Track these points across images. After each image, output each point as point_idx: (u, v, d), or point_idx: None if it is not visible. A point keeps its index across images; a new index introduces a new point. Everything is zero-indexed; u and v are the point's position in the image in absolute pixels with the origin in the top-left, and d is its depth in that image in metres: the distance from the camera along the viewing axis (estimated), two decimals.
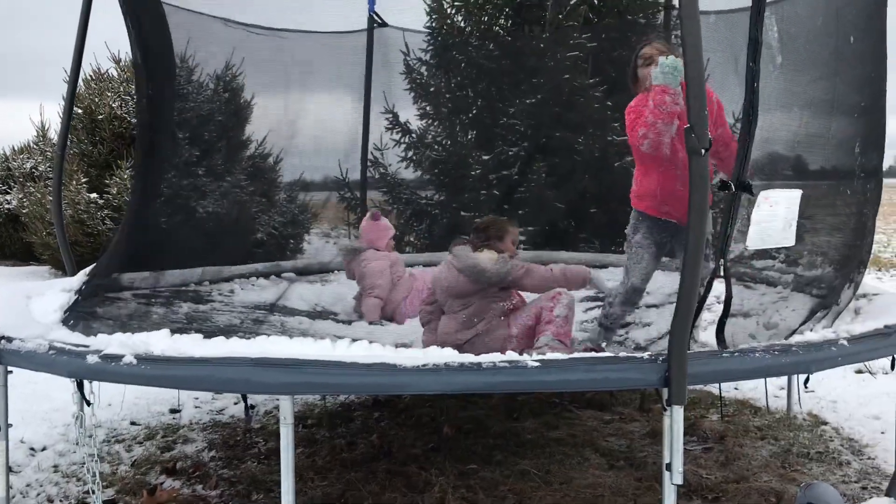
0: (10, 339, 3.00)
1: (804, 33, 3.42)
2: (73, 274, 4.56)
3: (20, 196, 11.14)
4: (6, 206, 12.08)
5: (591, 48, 6.88)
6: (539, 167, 7.00)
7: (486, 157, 7.19)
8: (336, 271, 6.12)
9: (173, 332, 2.98)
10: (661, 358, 2.59)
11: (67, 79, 4.83)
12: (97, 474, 2.99)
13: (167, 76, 5.36)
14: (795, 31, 3.30)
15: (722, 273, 3.08)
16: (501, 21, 7.46)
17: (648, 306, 4.66)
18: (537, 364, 2.52)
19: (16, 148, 12.92)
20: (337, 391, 3.51)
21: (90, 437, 2.97)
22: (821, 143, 3.66)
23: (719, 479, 3.68)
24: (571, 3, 6.93)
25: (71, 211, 9.39)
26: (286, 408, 2.53)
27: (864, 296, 3.77)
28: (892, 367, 3.19)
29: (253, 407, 4.80)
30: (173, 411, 4.85)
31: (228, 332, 3.25)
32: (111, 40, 9.93)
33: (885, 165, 4.02)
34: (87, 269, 4.11)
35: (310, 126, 6.93)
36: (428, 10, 7.58)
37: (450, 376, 2.49)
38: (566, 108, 6.93)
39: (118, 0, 4.66)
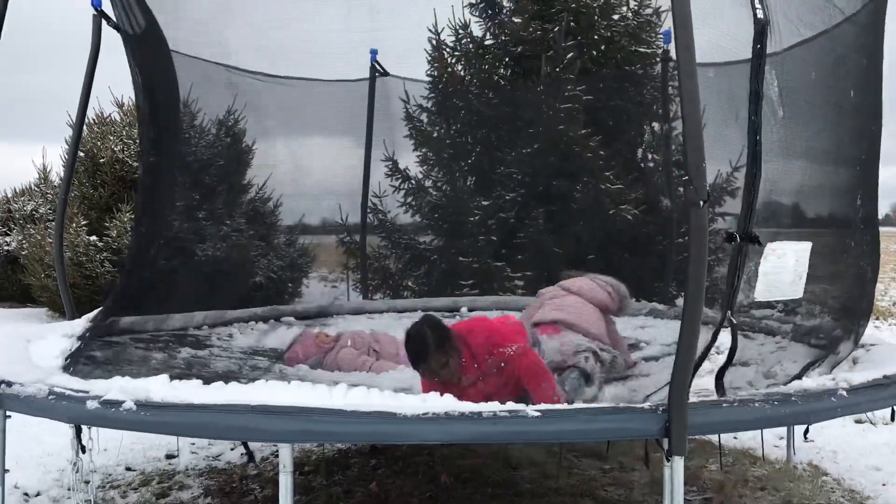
0: (9, 384, 3.00)
1: (804, 86, 3.49)
2: (73, 317, 4.57)
3: (20, 238, 11.16)
4: (5, 247, 12.10)
5: (587, 99, 6.99)
6: (537, 214, 7.06)
7: (484, 203, 7.26)
8: (335, 315, 6.13)
9: (173, 377, 2.98)
10: (661, 408, 2.59)
11: (70, 122, 4.92)
12: None
13: (172, 121, 5.43)
14: (796, 85, 3.38)
15: (730, 322, 3.09)
16: (501, 70, 7.58)
17: (647, 359, 4.65)
18: (537, 414, 2.52)
19: (17, 190, 12.99)
20: (338, 440, 3.49)
21: (86, 482, 2.95)
22: (823, 194, 3.72)
23: None
24: (568, 56, 7.05)
25: (70, 253, 9.40)
26: (286, 455, 2.52)
27: (863, 346, 3.78)
28: (893, 419, 3.18)
29: (252, 453, 4.76)
30: (169, 457, 4.80)
31: (227, 378, 3.23)
32: (114, 84, 10.05)
33: (881, 214, 4.07)
34: (90, 315, 4.12)
35: (310, 172, 7.01)
36: (429, 58, 7.71)
37: (450, 426, 2.48)
38: (562, 157, 7.02)
39: (125, 46, 4.75)
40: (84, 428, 2.90)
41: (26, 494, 4.13)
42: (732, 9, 3.19)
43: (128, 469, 4.61)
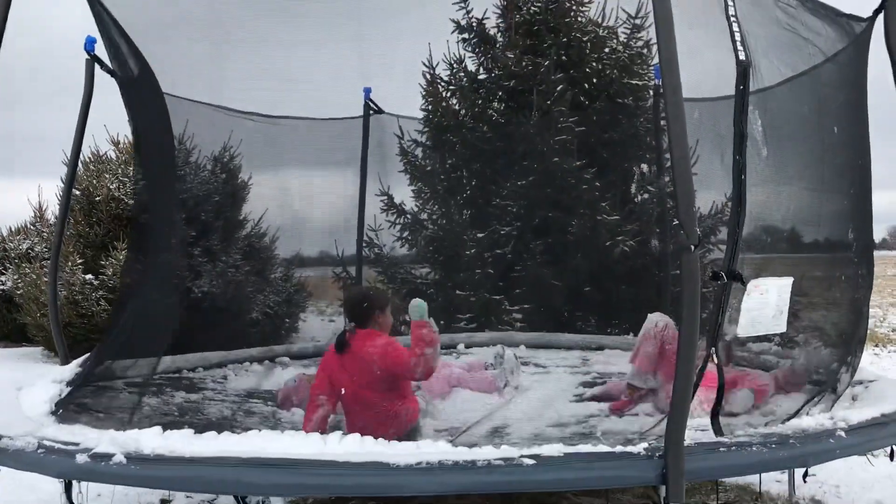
0: None
1: (788, 124, 3.51)
2: (66, 361, 4.53)
3: (15, 277, 11.11)
4: (0, 286, 12.05)
5: (579, 132, 7.01)
6: (534, 246, 7.05)
7: (480, 236, 7.26)
8: None
9: (165, 425, 2.94)
10: (657, 454, 2.56)
11: (66, 160, 4.91)
12: None
13: (166, 161, 5.43)
14: (780, 123, 3.40)
15: (714, 360, 3.09)
16: (494, 104, 7.61)
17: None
18: (532, 462, 2.49)
19: (12, 228, 12.96)
20: (330, 493, 3.44)
21: None
22: (811, 228, 3.72)
23: None
24: (559, 89, 7.09)
25: (66, 292, 9.35)
26: None
27: (861, 382, 3.75)
28: (892, 458, 3.15)
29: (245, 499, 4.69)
30: (164, 502, 4.73)
31: (221, 426, 3.20)
32: (110, 122, 10.08)
33: (879, 239, 4.08)
34: (79, 360, 4.08)
35: (306, 207, 7.02)
36: (424, 93, 7.75)
37: (444, 476, 2.45)
38: (557, 190, 7.03)
39: (119, 86, 4.77)
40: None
41: None
42: (713, 51, 3.21)
43: None
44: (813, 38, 3.48)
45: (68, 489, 2.81)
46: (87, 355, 4.23)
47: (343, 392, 3.86)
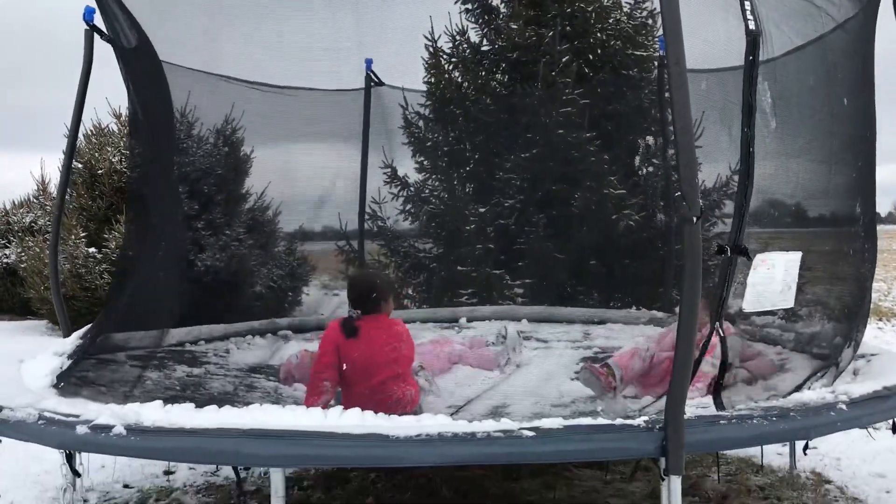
0: None
1: (798, 94, 3.46)
2: (68, 333, 4.54)
3: (18, 250, 11.15)
4: (4, 260, 12.09)
5: (584, 104, 6.95)
6: (536, 220, 7.02)
7: (482, 210, 7.22)
8: None
9: (167, 399, 2.95)
10: (657, 426, 2.56)
11: (67, 133, 4.87)
12: None
13: (166, 131, 5.40)
14: (789, 93, 3.35)
15: (718, 335, 3.08)
16: (498, 76, 7.54)
17: None
18: (532, 434, 2.49)
19: (15, 202, 12.99)
20: (330, 463, 3.47)
21: (85, 501, 2.92)
22: (819, 201, 3.69)
23: None
24: (563, 60, 7.01)
25: (69, 265, 9.39)
26: (277, 480, 2.50)
27: (863, 356, 3.74)
28: (894, 431, 3.15)
29: (247, 469, 4.72)
30: (167, 473, 4.77)
31: (222, 399, 3.21)
32: (112, 95, 10.04)
33: (885, 212, 4.05)
34: (80, 332, 4.09)
35: (309, 180, 7.00)
36: (426, 66, 7.68)
37: (444, 447, 2.45)
38: (562, 163, 6.98)
39: (117, 58, 4.73)
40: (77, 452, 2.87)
41: None
42: (723, 20, 3.16)
43: (125, 486, 4.58)
44: (826, 6, 3.42)
45: (70, 460, 2.82)
46: (87, 327, 4.24)
47: (349, 377, 3.86)
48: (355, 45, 6.29)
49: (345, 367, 3.87)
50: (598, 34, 7.33)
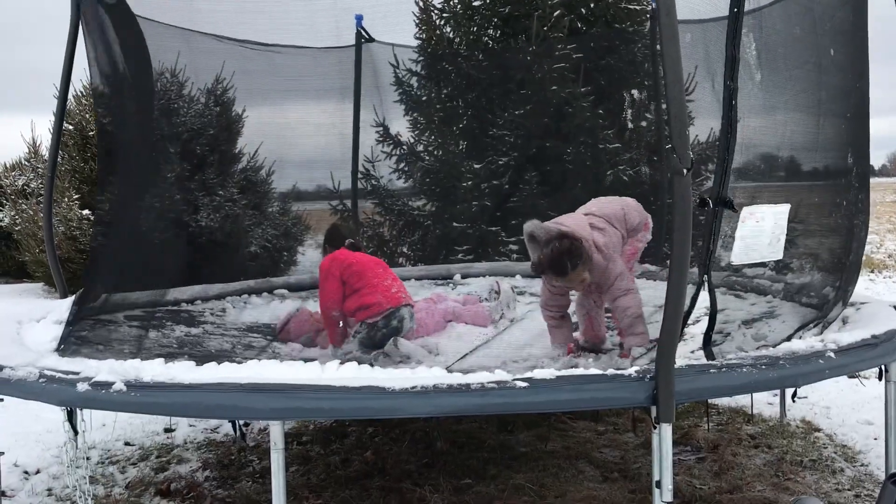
0: (0, 368, 3.00)
1: (783, 45, 3.44)
2: (65, 294, 4.57)
3: (12, 213, 11.12)
4: None
5: (578, 58, 6.90)
6: (530, 177, 7.02)
7: (477, 167, 7.21)
8: None
9: (165, 356, 2.99)
10: (648, 376, 2.60)
11: (56, 94, 4.84)
12: (90, 498, 2.99)
13: (146, 89, 5.30)
14: (775, 44, 3.33)
15: (706, 287, 3.12)
16: (490, 32, 7.47)
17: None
18: (525, 385, 2.54)
19: (7, 165, 12.90)
20: (327, 416, 3.52)
21: (87, 458, 2.97)
22: (807, 154, 3.70)
23: (713, 489, 3.70)
24: (555, 14, 6.94)
25: (63, 228, 9.38)
26: (276, 433, 2.54)
27: (852, 304, 3.78)
28: (880, 378, 3.20)
29: (247, 425, 4.79)
30: (167, 430, 4.84)
31: (220, 358, 3.25)
32: None
33: (878, 165, 4.06)
34: (77, 294, 4.11)
35: (300, 139, 6.96)
36: (417, 21, 7.60)
37: (439, 399, 2.50)
38: (556, 118, 6.95)
39: (82, 22, 4.60)
40: (77, 409, 2.91)
41: (26, 472, 4.18)
42: None
43: (126, 444, 4.65)
44: None
45: (70, 417, 2.86)
46: (83, 289, 4.26)
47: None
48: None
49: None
50: None
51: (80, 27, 4.42)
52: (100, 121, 6.16)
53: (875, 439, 4.33)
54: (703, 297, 3.21)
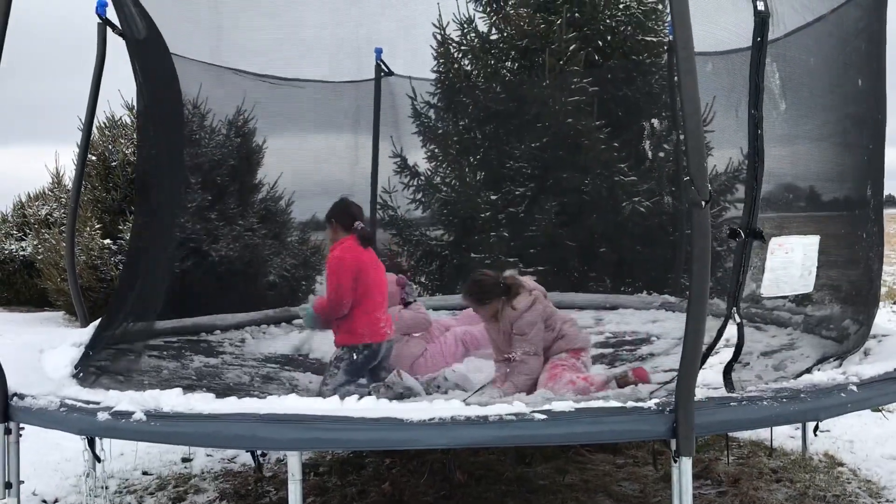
0: (21, 396, 3.03)
1: (807, 74, 3.45)
2: (86, 323, 4.61)
3: (35, 243, 11.27)
4: (21, 252, 12.22)
5: (594, 91, 6.94)
6: (548, 207, 7.03)
7: (493, 198, 7.24)
8: None
9: (185, 388, 3.00)
10: (668, 409, 2.58)
11: (81, 126, 4.94)
12: None
13: (175, 122, 5.43)
14: (798, 73, 3.34)
15: (735, 319, 3.09)
16: (507, 64, 7.54)
17: (657, 354, 4.64)
18: (544, 417, 2.52)
19: (31, 195, 13.10)
20: (345, 447, 3.51)
21: (105, 488, 2.98)
22: (830, 184, 3.69)
23: None
24: (571, 48, 7.00)
25: (84, 257, 9.49)
26: (294, 464, 2.54)
27: (874, 336, 3.74)
28: None
29: (264, 455, 4.79)
30: (185, 460, 4.84)
31: (239, 389, 3.27)
32: (124, 87, 10.10)
33: (885, 195, 4.03)
34: (97, 322, 4.15)
35: (320, 170, 7.04)
36: (435, 55, 7.69)
37: (456, 430, 2.49)
38: (572, 150, 6.98)
39: (129, 52, 4.78)
40: (97, 438, 2.93)
41: (44, 501, 4.18)
42: (732, 3, 3.16)
43: (144, 473, 4.65)
44: None
45: (91, 446, 2.88)
46: (103, 317, 4.31)
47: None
48: (363, 34, 6.33)
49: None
50: (608, 20, 7.30)
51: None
52: (139, 150, 6.29)
53: None
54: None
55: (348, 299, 4.37)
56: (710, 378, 3.40)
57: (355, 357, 4.38)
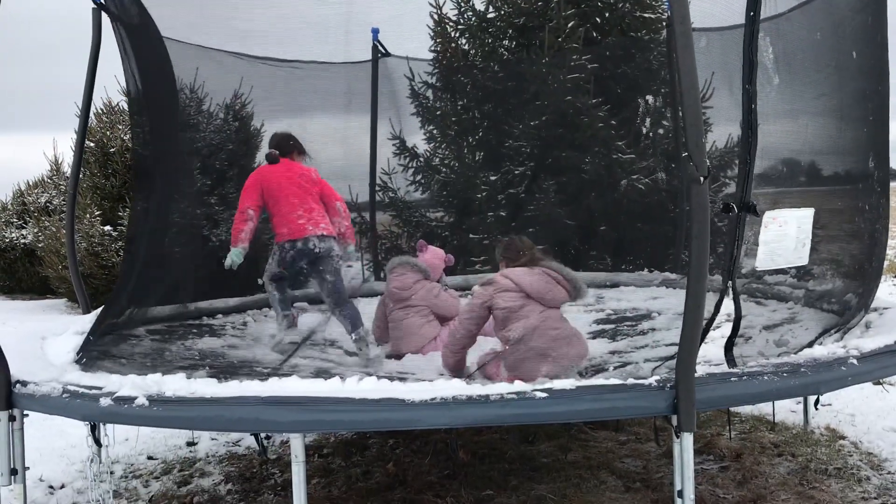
0: (24, 383, 3.04)
1: (803, 50, 3.43)
2: (87, 310, 4.62)
3: (35, 230, 11.27)
4: (22, 240, 12.22)
5: (593, 68, 6.90)
6: (547, 186, 7.02)
7: (493, 178, 7.23)
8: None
9: (186, 369, 3.01)
10: (668, 385, 2.59)
11: (78, 112, 4.93)
12: None
13: (170, 106, 5.40)
14: (794, 49, 3.32)
15: (731, 293, 3.10)
16: (505, 43, 7.50)
17: (658, 329, 4.64)
18: (545, 395, 2.53)
19: (30, 182, 13.09)
20: (347, 428, 3.53)
21: (111, 473, 3.00)
22: (829, 157, 3.67)
23: (736, 498, 3.66)
24: (570, 25, 6.95)
25: (85, 244, 9.49)
26: (297, 446, 2.55)
27: (875, 310, 3.74)
28: None
29: (268, 438, 4.81)
30: (190, 444, 4.86)
31: (241, 369, 3.28)
32: (121, 74, 10.03)
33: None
34: (100, 309, 4.16)
35: (318, 152, 7.00)
36: (432, 34, 7.64)
37: (458, 410, 2.50)
38: (571, 128, 6.95)
39: (119, 38, 4.74)
40: (100, 424, 2.94)
41: (51, 487, 4.21)
42: None
43: (149, 458, 4.68)
44: None
45: (94, 431, 2.89)
46: (105, 304, 4.31)
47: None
48: (363, 12, 6.28)
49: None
50: None
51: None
52: (134, 136, 6.30)
53: None
54: (726, 304, 3.19)
55: (246, 206, 4.89)
56: (711, 353, 3.42)
57: (280, 252, 4.95)
